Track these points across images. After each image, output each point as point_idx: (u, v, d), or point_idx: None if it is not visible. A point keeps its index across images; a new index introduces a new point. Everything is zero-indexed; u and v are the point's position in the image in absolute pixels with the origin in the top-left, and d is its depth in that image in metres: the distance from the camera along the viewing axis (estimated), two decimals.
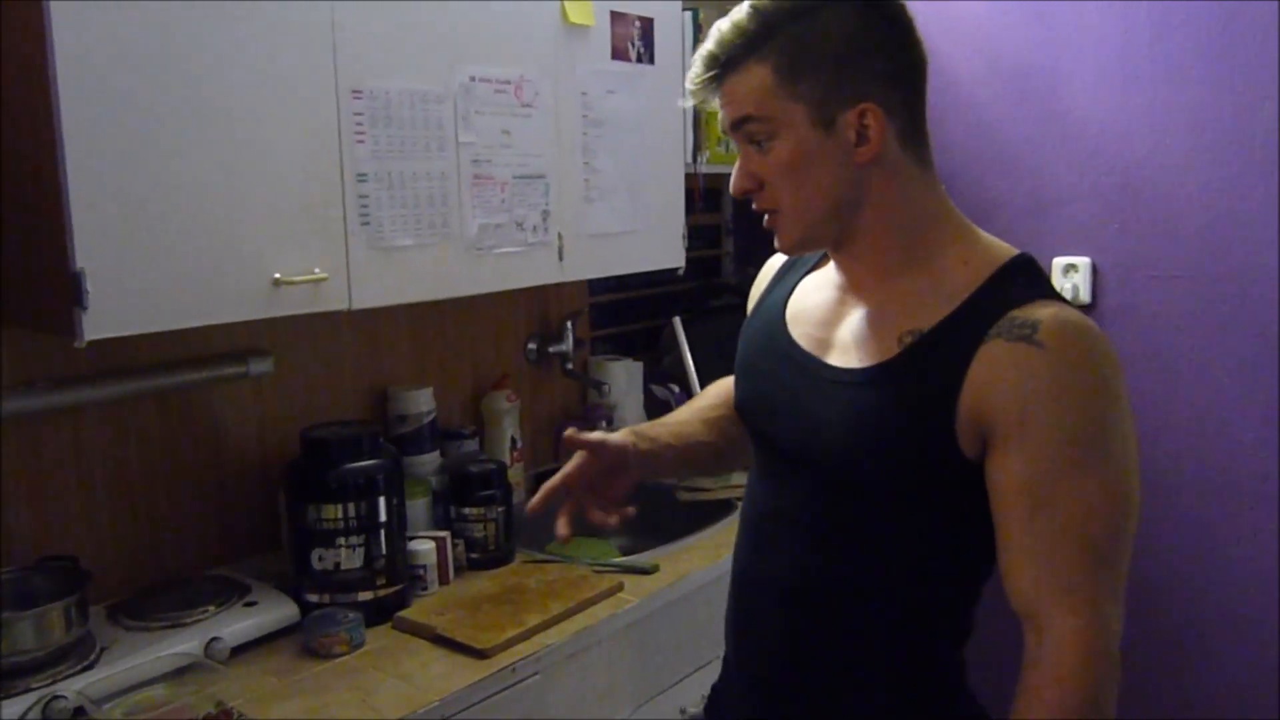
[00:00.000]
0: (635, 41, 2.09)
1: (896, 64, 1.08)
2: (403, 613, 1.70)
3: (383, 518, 1.70)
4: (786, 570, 1.17)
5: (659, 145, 2.18)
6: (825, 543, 1.14)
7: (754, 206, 1.14)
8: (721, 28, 1.09)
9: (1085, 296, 2.41)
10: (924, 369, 1.04)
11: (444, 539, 1.83)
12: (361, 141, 1.60)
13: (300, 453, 1.74)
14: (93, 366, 1.65)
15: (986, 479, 1.01)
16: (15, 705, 1.34)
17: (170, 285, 1.41)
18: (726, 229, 3.02)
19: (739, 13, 1.08)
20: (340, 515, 1.67)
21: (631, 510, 1.27)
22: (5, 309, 1.53)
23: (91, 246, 1.33)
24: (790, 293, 1.25)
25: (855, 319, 1.13)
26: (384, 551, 1.70)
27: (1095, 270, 2.40)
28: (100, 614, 1.60)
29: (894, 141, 1.08)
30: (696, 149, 2.35)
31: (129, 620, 1.60)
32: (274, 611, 1.65)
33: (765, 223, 1.15)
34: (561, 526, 1.24)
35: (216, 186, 1.44)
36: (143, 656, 1.48)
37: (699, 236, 2.74)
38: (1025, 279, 1.06)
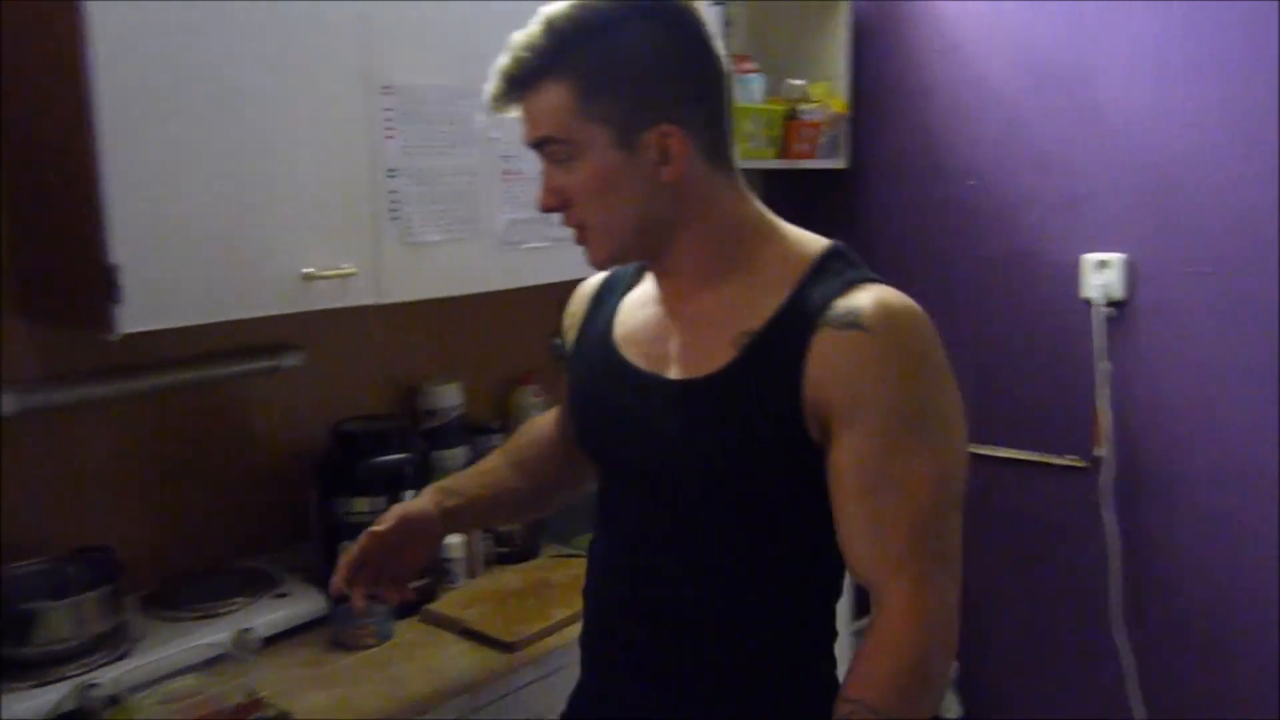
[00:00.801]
0: None
1: (695, 81, 1.07)
2: (430, 606, 1.71)
3: None
4: (659, 591, 1.15)
5: None
6: (696, 557, 1.13)
7: (562, 223, 1.13)
8: (516, 42, 1.06)
9: (1119, 293, 2.38)
10: (763, 367, 1.05)
11: (472, 533, 1.84)
12: (391, 137, 1.61)
13: (330, 446, 1.76)
14: (125, 360, 1.67)
15: (826, 462, 1.04)
16: (50, 693, 1.36)
17: (202, 279, 1.43)
18: None
19: (533, 27, 1.06)
20: (369, 508, 1.68)
21: (412, 593, 1.34)
22: (41, 304, 1.55)
23: (126, 242, 1.35)
24: (613, 316, 1.23)
25: (686, 330, 1.13)
26: None
27: (1129, 266, 2.37)
28: (134, 604, 1.62)
29: (698, 157, 1.07)
30: None
31: (161, 610, 1.62)
32: (303, 603, 1.67)
33: (574, 239, 1.14)
34: (357, 599, 1.30)
35: (248, 182, 1.46)
36: (175, 646, 1.50)
37: None
38: (840, 266, 1.09)
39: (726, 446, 1.06)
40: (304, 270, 1.52)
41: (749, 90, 2.50)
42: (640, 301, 1.21)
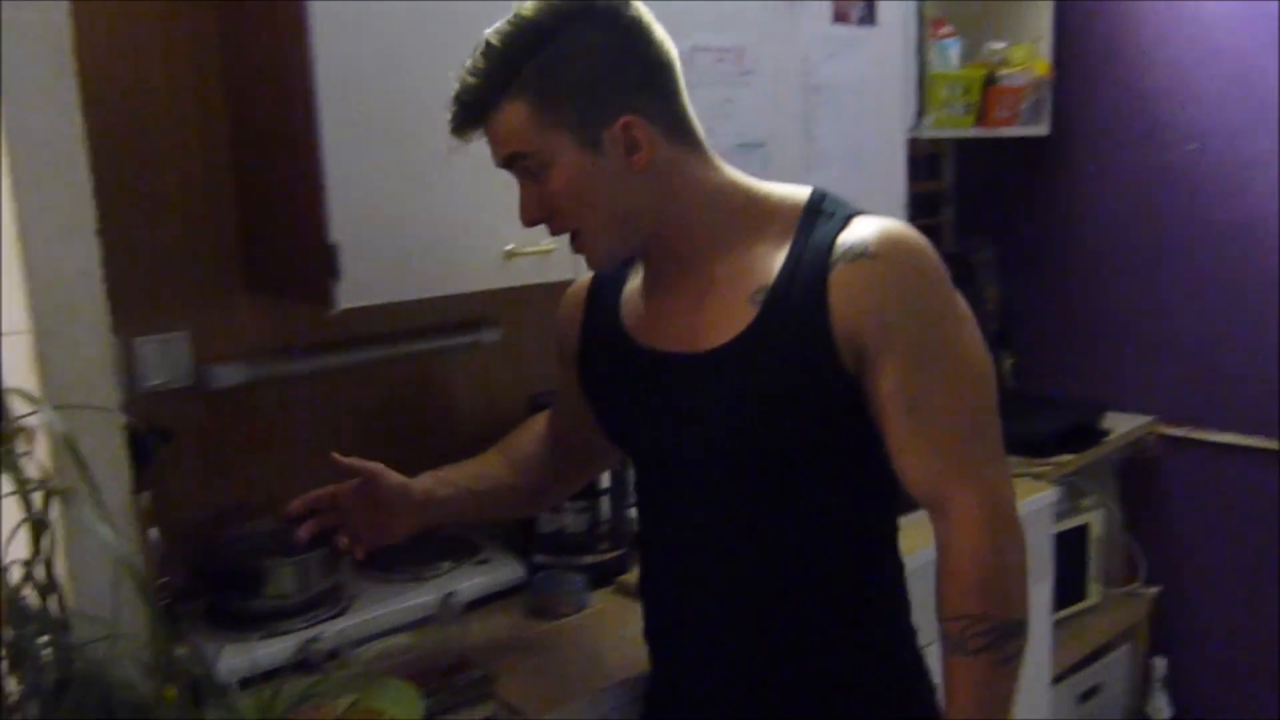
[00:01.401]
0: (857, 3, 2.02)
1: (642, 69, 1.10)
2: (624, 577, 1.73)
3: (605, 484, 1.74)
4: (723, 570, 1.17)
5: (880, 110, 2.11)
6: (754, 525, 1.15)
7: (551, 233, 1.16)
8: (464, 71, 1.10)
9: None
10: (787, 317, 1.08)
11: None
12: None
13: (526, 417, 1.80)
14: (338, 336, 1.76)
15: (866, 394, 1.08)
16: (278, 645, 1.46)
17: (413, 258, 1.49)
18: (947, 196, 2.90)
19: (476, 53, 1.09)
20: None
21: (361, 552, 1.36)
22: (265, 282, 1.65)
23: (345, 222, 1.41)
24: (617, 310, 1.25)
25: (699, 303, 1.14)
26: (606, 517, 1.74)
27: None
28: (349, 566, 1.71)
29: (662, 140, 1.10)
30: (920, 113, 2.26)
31: (373, 572, 1.70)
32: (503, 570, 1.72)
33: (571, 247, 1.17)
34: (304, 531, 1.34)
35: (455, 163, 1.49)
36: (388, 606, 1.58)
37: (918, 205, 2.64)
38: (830, 206, 1.12)
39: (770, 403, 1.08)
40: (506, 248, 1.56)
41: (945, 56, 2.40)
42: (641, 290, 1.23)
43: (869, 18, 2.05)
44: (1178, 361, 2.48)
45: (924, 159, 2.38)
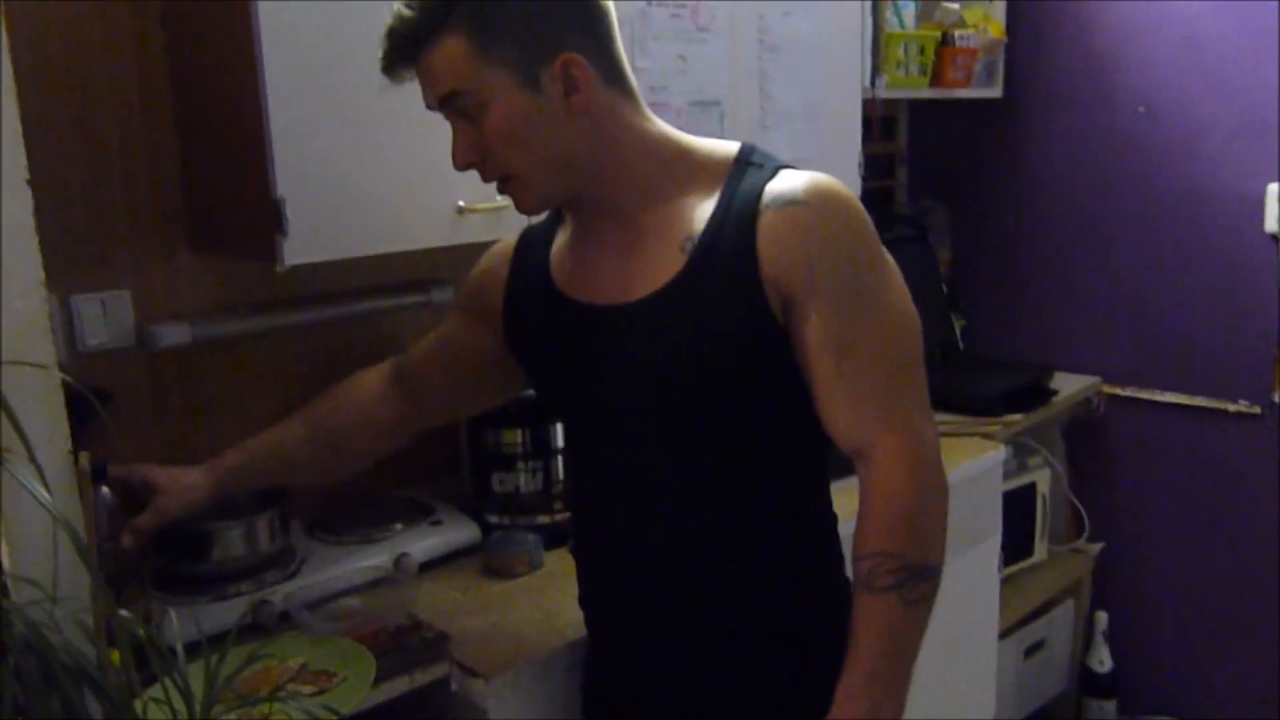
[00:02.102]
0: None
1: (582, 9, 1.08)
2: None
3: (560, 443, 1.73)
4: (658, 521, 1.17)
5: (836, 70, 2.10)
6: (688, 475, 1.15)
7: (483, 178, 1.13)
8: (401, 3, 1.06)
9: None
10: (717, 264, 1.08)
11: None
12: None
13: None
14: (286, 294, 1.73)
15: (793, 342, 1.08)
16: (229, 607, 1.44)
17: (362, 213, 1.46)
18: (901, 159, 2.91)
19: None
20: (519, 440, 1.71)
21: (130, 541, 1.27)
22: (211, 239, 1.61)
23: (290, 176, 1.38)
24: (545, 266, 1.23)
25: (628, 254, 1.14)
26: (561, 476, 1.73)
27: None
28: (298, 528, 1.69)
29: (600, 84, 1.09)
30: (875, 73, 2.25)
31: (324, 534, 1.69)
32: (457, 531, 1.71)
33: (499, 190, 1.14)
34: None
35: (404, 118, 1.46)
36: (339, 568, 1.56)
37: (873, 166, 2.64)
38: (760, 158, 1.12)
39: (699, 351, 1.08)
40: (458, 204, 1.53)
41: (900, 16, 2.39)
42: (569, 245, 1.22)
43: None
44: (1124, 323, 2.52)
45: (880, 120, 2.38)
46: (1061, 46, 2.54)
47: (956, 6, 2.52)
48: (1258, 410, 2.31)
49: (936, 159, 2.82)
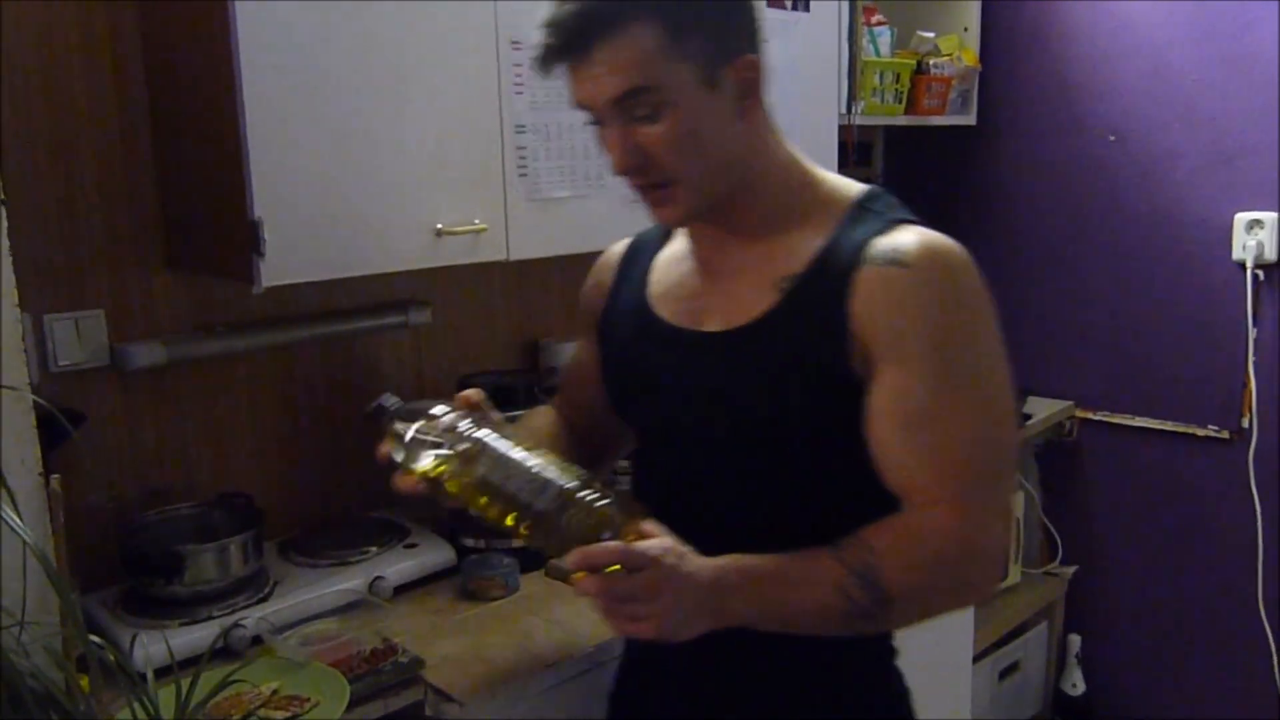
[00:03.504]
0: None
1: (755, 7, 1.03)
2: (555, 560, 1.72)
3: None
4: (713, 549, 1.04)
5: (814, 96, 2.12)
6: (748, 508, 1.09)
7: (635, 182, 1.03)
8: None
9: (1271, 254, 2.24)
10: (807, 308, 1.03)
11: None
12: (520, 92, 1.61)
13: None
14: (264, 316, 1.72)
15: (866, 399, 1.01)
16: (201, 631, 1.42)
17: (340, 235, 1.46)
18: (877, 182, 2.93)
19: None
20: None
21: None
22: (187, 260, 1.61)
23: (268, 197, 1.38)
24: (646, 276, 1.19)
25: (725, 281, 1.10)
26: None
27: None
28: (272, 550, 1.68)
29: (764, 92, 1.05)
30: (851, 99, 2.28)
31: (298, 557, 1.67)
32: (433, 554, 1.70)
33: (651, 197, 1.04)
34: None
35: (382, 139, 1.48)
36: (312, 591, 1.55)
37: None
38: (881, 206, 1.07)
39: (774, 391, 1.03)
40: (436, 226, 1.53)
41: (876, 44, 2.42)
42: (673, 259, 1.18)
43: (803, 3, 2.05)
44: (1096, 348, 2.55)
45: (856, 146, 2.40)
46: (1034, 76, 2.58)
47: (932, 35, 2.55)
48: (1226, 435, 2.34)
49: (911, 185, 2.84)
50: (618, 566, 0.90)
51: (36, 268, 1.50)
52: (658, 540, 0.93)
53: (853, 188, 1.10)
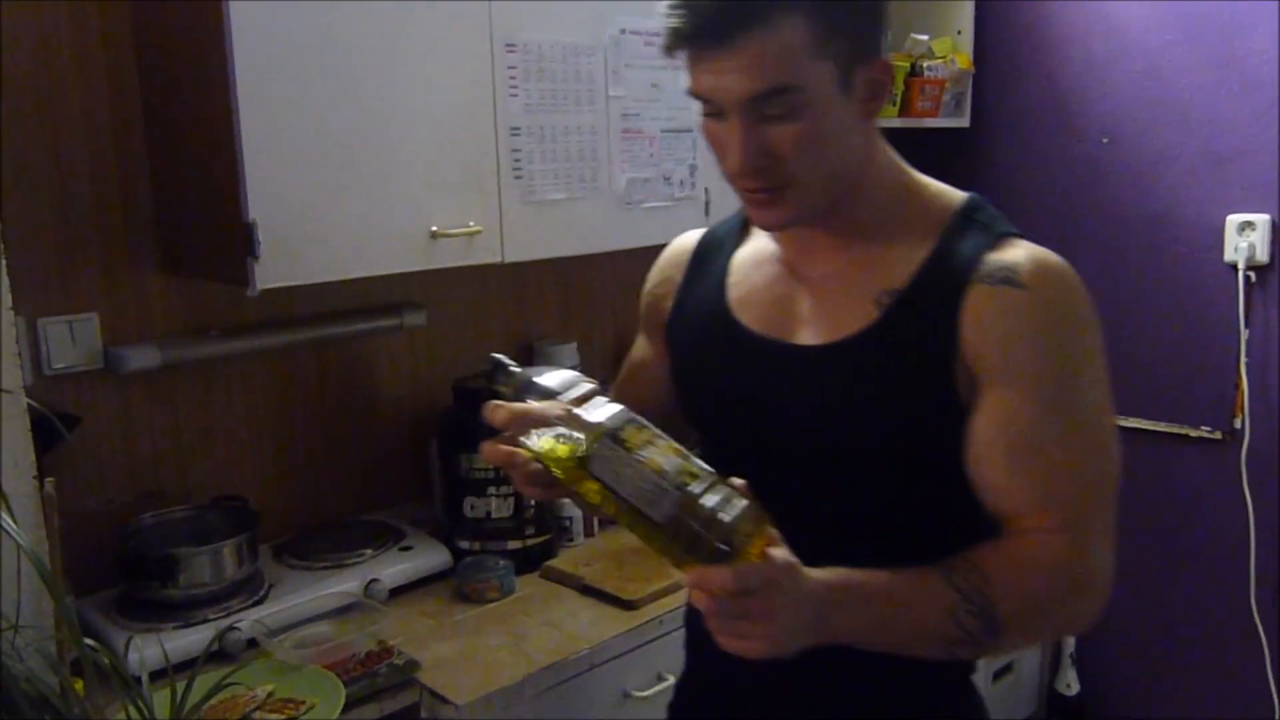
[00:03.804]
0: None
1: (888, 14, 0.98)
2: (550, 562, 1.73)
3: None
4: (805, 562, 0.96)
5: None
6: (827, 529, 1.00)
7: (751, 184, 0.95)
8: None
9: (1263, 256, 2.25)
10: (911, 326, 0.97)
11: None
12: (515, 95, 1.61)
13: (452, 403, 1.79)
14: (258, 319, 1.72)
15: (970, 421, 0.96)
16: (196, 634, 1.42)
17: (335, 237, 1.46)
18: None
19: None
20: (491, 465, 1.69)
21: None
22: (182, 263, 1.61)
23: (262, 200, 1.38)
24: (724, 277, 1.11)
25: (816, 291, 1.03)
26: (532, 502, 1.73)
27: (1275, 228, 2.24)
28: (267, 553, 1.68)
29: None
30: None
31: (293, 560, 1.67)
32: (428, 556, 1.70)
33: (759, 198, 0.97)
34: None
35: (378, 141, 1.48)
36: (308, 594, 1.55)
37: None
38: (984, 218, 1.01)
39: (872, 410, 0.98)
40: (431, 228, 1.53)
41: None
42: (754, 260, 1.10)
43: None
44: None
45: None
46: (1027, 78, 2.59)
47: (925, 38, 2.56)
48: (1219, 436, 2.35)
49: None
50: None
51: (31, 271, 1.50)
52: (778, 559, 0.85)
53: (954, 196, 1.04)
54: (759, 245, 1.11)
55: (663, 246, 1.38)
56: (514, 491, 1.72)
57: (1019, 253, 0.97)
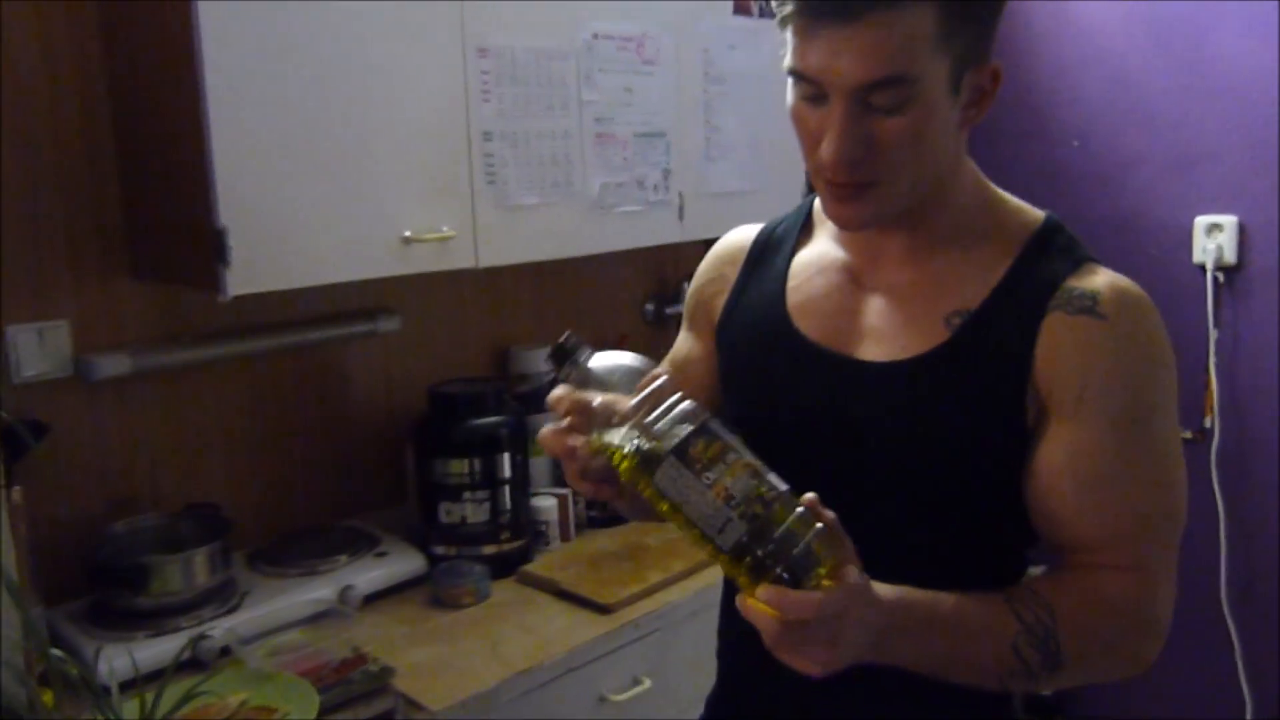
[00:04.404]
0: None
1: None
2: (526, 567, 1.73)
3: (507, 474, 1.73)
4: None
5: (780, 102, 2.12)
6: (877, 549, 0.90)
7: (839, 177, 0.90)
8: None
9: (1230, 257, 2.28)
10: (983, 350, 0.93)
11: (566, 496, 1.85)
12: (487, 100, 1.61)
13: (427, 409, 1.78)
14: (230, 325, 1.71)
15: (1033, 452, 0.93)
16: (167, 643, 1.41)
17: (306, 243, 1.45)
18: None
19: None
20: (466, 470, 1.70)
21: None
22: (152, 269, 1.59)
23: (233, 205, 1.37)
24: (783, 279, 1.05)
25: (883, 304, 0.99)
26: (508, 507, 1.73)
27: (1242, 230, 2.27)
28: (240, 560, 1.67)
29: None
30: None
31: (267, 567, 1.66)
32: (403, 562, 1.70)
33: (843, 193, 0.92)
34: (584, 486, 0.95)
35: (350, 146, 1.47)
36: (282, 602, 1.54)
37: None
38: (1063, 242, 0.97)
39: (938, 435, 0.94)
40: (404, 233, 1.53)
41: None
42: (817, 265, 1.05)
43: (769, 11, 2.07)
44: None
45: None
46: (1000, 83, 2.61)
47: None
48: (1189, 435, 2.38)
49: None
50: None
51: None
52: (853, 582, 0.80)
53: (1033, 214, 1.00)
54: (821, 249, 1.06)
55: (638, 250, 1.37)
56: (491, 496, 1.71)
57: (1099, 281, 0.93)
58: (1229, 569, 2.34)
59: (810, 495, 0.81)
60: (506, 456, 1.73)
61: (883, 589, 0.85)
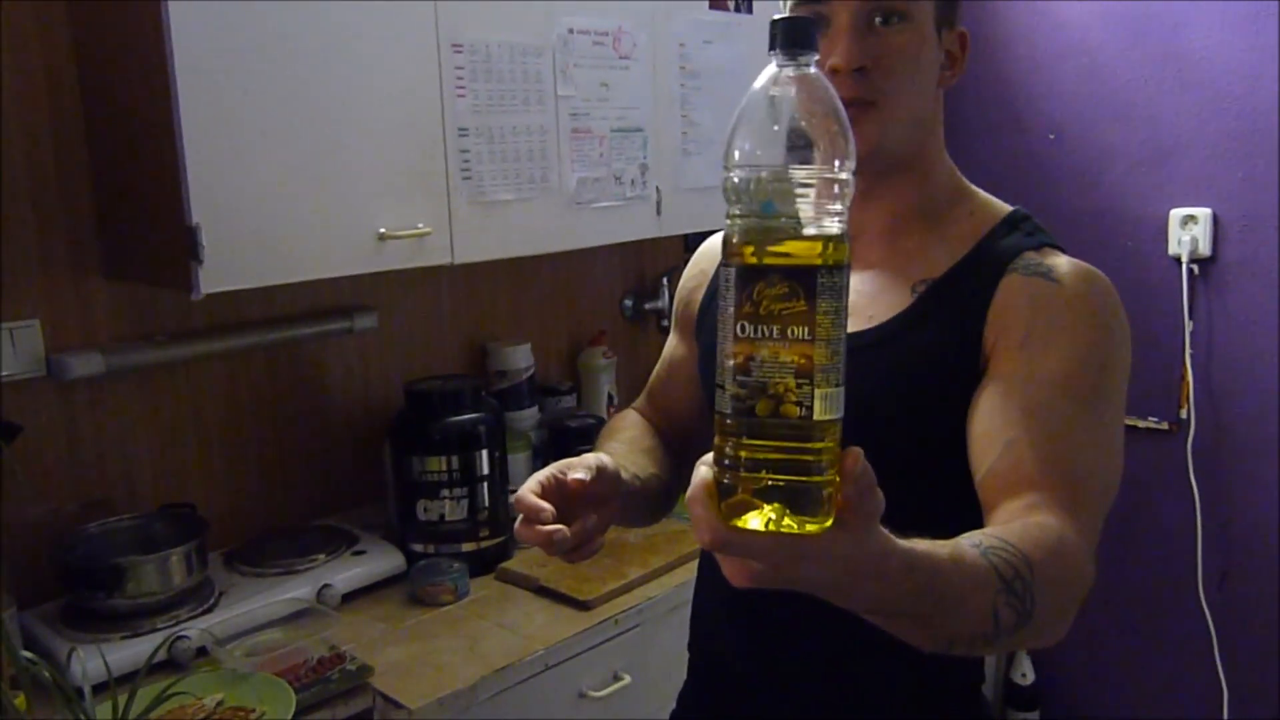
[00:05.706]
0: None
1: None
2: (505, 564, 1.72)
3: (485, 470, 1.73)
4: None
5: None
6: None
7: (848, 92, 0.95)
8: None
9: (1205, 249, 2.29)
10: (941, 312, 0.98)
11: None
12: (462, 95, 1.61)
13: (404, 406, 1.77)
14: (205, 323, 1.70)
15: (975, 396, 0.93)
16: (143, 644, 1.40)
17: (280, 241, 1.44)
18: None
19: None
20: (444, 467, 1.70)
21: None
22: (125, 267, 1.58)
23: (205, 204, 1.36)
24: None
25: (855, 281, 0.98)
26: (486, 504, 1.73)
27: (1216, 222, 2.29)
28: (217, 560, 1.66)
29: None
30: None
31: (244, 566, 1.65)
32: (381, 560, 1.69)
33: (850, 112, 0.90)
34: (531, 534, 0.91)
35: (322, 143, 1.46)
36: (259, 601, 1.53)
37: None
38: (1029, 228, 1.02)
39: (901, 393, 0.97)
40: (379, 230, 1.52)
41: None
42: None
43: (745, 5, 2.07)
44: None
45: None
46: (975, 76, 2.62)
47: None
48: (1166, 426, 2.40)
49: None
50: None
51: None
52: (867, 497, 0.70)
53: (1003, 206, 1.06)
54: None
55: (614, 246, 1.36)
56: (468, 493, 1.71)
57: (1060, 259, 0.97)
58: (1205, 559, 2.36)
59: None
60: (485, 453, 1.73)
61: (896, 555, 0.72)
